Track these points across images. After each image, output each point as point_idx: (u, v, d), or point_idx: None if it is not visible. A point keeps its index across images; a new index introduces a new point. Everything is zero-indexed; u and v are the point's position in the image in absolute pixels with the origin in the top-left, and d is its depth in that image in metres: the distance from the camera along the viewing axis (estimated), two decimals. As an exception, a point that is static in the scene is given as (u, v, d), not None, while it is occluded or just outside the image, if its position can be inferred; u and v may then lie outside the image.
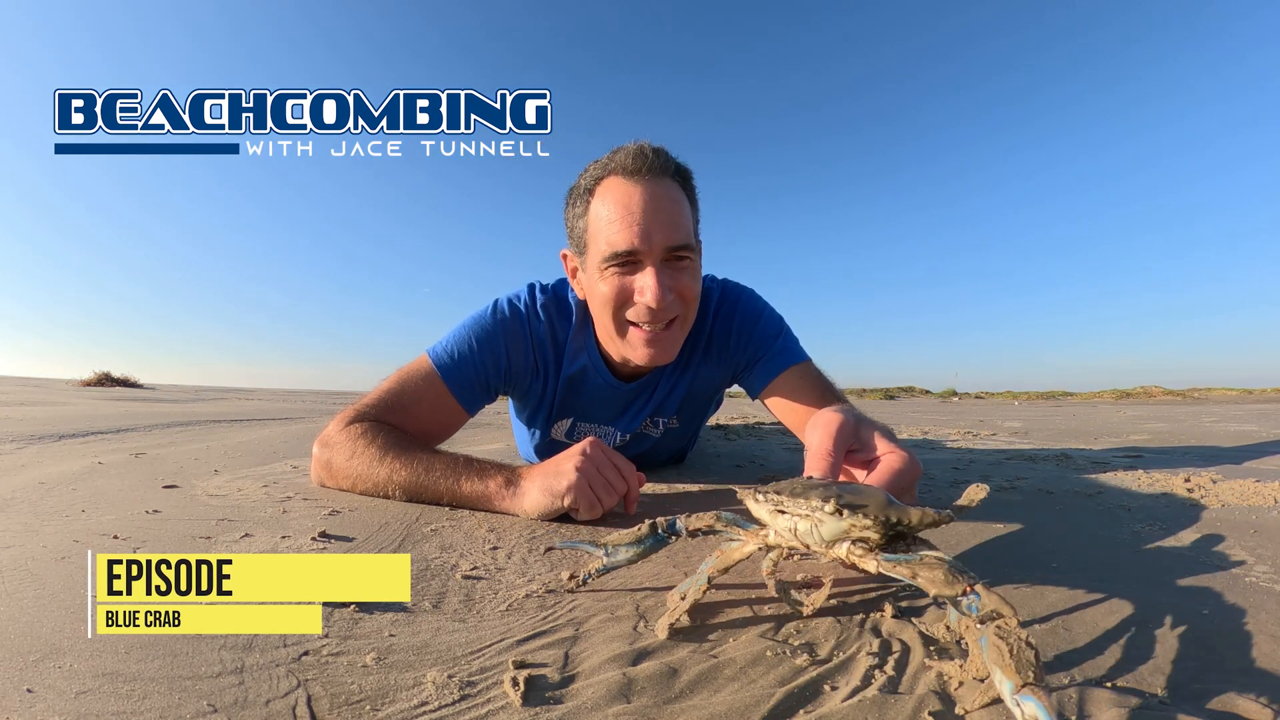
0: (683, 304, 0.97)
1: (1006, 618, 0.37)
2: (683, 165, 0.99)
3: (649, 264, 0.93)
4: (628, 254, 0.92)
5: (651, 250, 0.92)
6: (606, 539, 0.57)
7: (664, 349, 0.99)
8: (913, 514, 0.45)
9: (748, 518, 0.55)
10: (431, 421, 1.08)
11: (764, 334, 1.11)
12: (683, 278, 0.96)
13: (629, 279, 0.94)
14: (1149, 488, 1.08)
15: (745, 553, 0.53)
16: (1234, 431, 2.37)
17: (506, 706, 0.37)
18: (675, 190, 0.96)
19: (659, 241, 0.92)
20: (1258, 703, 0.37)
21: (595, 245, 0.96)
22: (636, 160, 0.93)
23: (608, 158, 0.97)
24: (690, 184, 1.00)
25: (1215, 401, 6.46)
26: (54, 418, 2.62)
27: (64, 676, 0.39)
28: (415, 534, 0.76)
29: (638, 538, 0.56)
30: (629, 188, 0.93)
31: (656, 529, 0.56)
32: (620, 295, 0.95)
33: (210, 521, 0.80)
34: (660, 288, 0.92)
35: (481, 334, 1.08)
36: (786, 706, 0.36)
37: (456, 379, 1.07)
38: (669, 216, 0.93)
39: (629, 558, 0.57)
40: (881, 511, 0.45)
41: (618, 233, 0.92)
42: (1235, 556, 0.66)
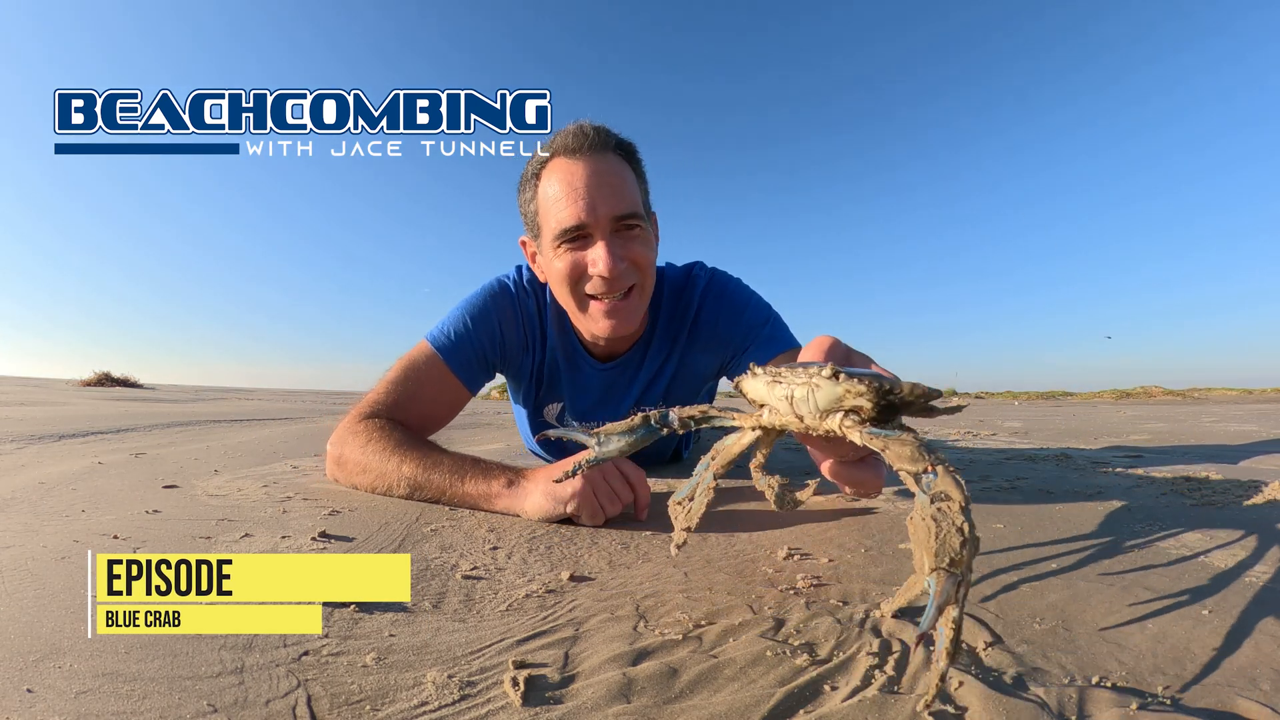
0: (637, 271, 1.00)
1: (952, 501, 0.36)
2: (625, 140, 1.02)
3: (599, 236, 0.97)
4: (576, 228, 0.96)
5: (599, 222, 0.96)
6: (599, 429, 0.57)
7: (624, 318, 1.02)
8: (904, 385, 0.46)
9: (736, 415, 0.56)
10: (438, 403, 1.11)
11: (751, 321, 1.12)
12: (634, 246, 0.99)
13: (581, 253, 0.98)
14: (1149, 488, 1.08)
15: (744, 443, 0.53)
16: (1234, 431, 2.37)
17: (506, 706, 0.37)
18: (618, 163, 0.99)
19: (605, 213, 0.96)
20: (1258, 703, 0.37)
21: (546, 225, 0.99)
22: (576, 139, 0.97)
23: (550, 140, 1.01)
24: (635, 157, 1.04)
25: (1215, 401, 6.46)
26: (54, 418, 2.62)
27: (64, 676, 0.39)
28: (415, 534, 0.76)
29: (630, 427, 0.56)
30: (572, 165, 0.97)
31: (649, 420, 0.56)
32: (575, 270, 0.99)
33: (210, 521, 0.80)
34: (611, 257, 0.95)
35: (476, 312, 1.13)
36: (786, 706, 0.36)
37: (456, 357, 1.10)
38: (613, 188, 0.96)
39: (620, 448, 0.56)
40: (875, 379, 0.45)
41: (564, 209, 0.96)
42: (1235, 556, 0.66)
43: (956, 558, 0.33)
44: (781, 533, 0.78)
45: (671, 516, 0.51)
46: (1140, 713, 0.35)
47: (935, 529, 0.34)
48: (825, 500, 0.98)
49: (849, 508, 0.92)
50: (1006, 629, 0.47)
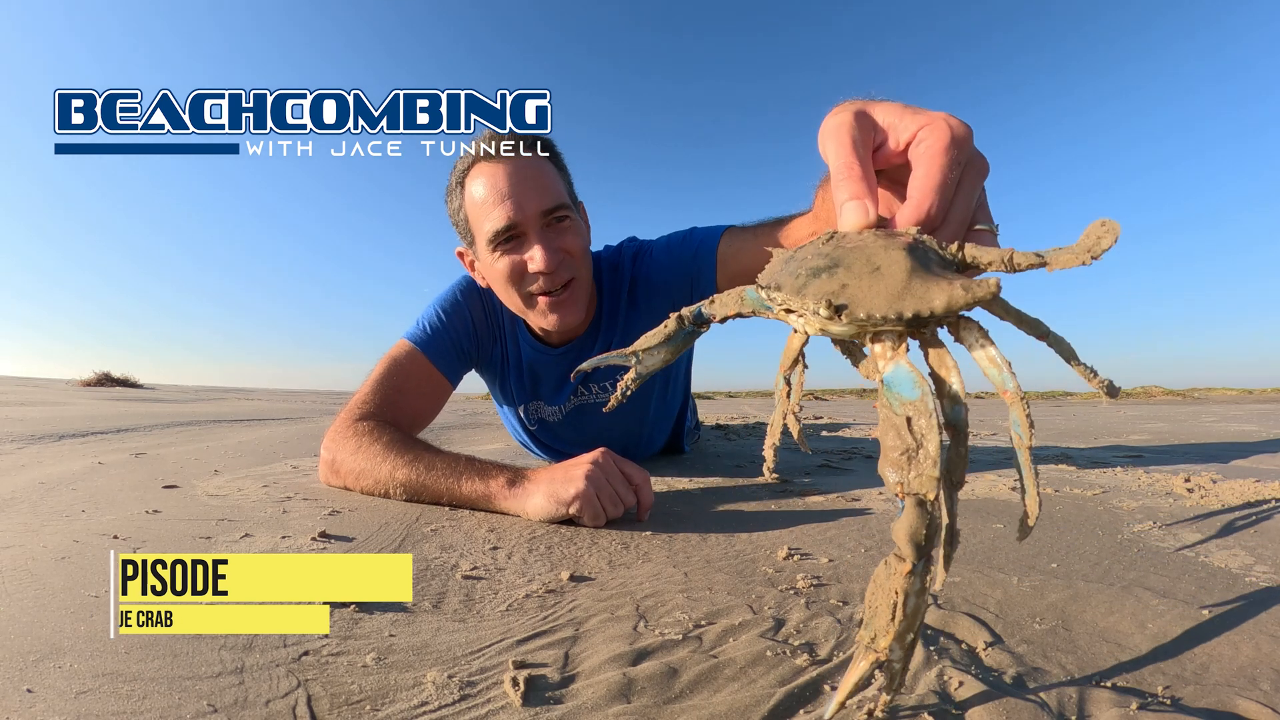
0: (573, 262, 1.03)
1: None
2: (542, 137, 1.05)
3: (531, 233, 1.00)
4: (508, 228, 0.98)
5: (529, 219, 0.98)
6: (634, 347, 0.49)
7: (568, 310, 1.05)
8: (935, 298, 0.34)
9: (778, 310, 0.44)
10: (423, 397, 1.14)
11: (684, 250, 1.12)
12: (566, 237, 1.02)
13: (518, 255, 1.00)
14: (1149, 488, 1.08)
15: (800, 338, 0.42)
16: (1234, 431, 2.37)
17: (506, 706, 0.37)
18: (538, 160, 1.02)
19: (533, 209, 0.98)
20: (1257, 703, 0.37)
21: (479, 231, 1.02)
22: (493, 145, 1.01)
23: (469, 148, 1.04)
24: (554, 151, 1.07)
25: (1215, 401, 6.46)
26: (54, 418, 2.62)
27: (64, 676, 0.39)
28: (415, 534, 0.76)
29: (666, 335, 0.48)
30: (493, 169, 0.99)
31: (684, 321, 0.47)
32: (514, 270, 1.01)
33: (210, 521, 0.80)
34: (547, 251, 0.98)
35: (447, 305, 1.17)
36: (786, 706, 0.36)
37: (435, 350, 1.14)
38: (536, 184, 0.99)
39: (663, 359, 0.49)
40: (891, 306, 0.34)
41: (494, 212, 0.98)
42: (1235, 556, 0.66)
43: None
44: (781, 533, 0.78)
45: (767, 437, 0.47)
46: (1140, 713, 0.35)
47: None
48: (825, 500, 0.98)
49: (849, 508, 0.92)
50: (1006, 629, 0.47)
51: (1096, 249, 0.35)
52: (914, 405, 0.32)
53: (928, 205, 0.39)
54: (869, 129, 0.43)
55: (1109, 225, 0.36)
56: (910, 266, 0.35)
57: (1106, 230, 0.35)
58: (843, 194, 0.41)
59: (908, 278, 0.35)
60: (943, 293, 0.34)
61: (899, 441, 0.32)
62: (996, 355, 0.34)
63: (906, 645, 0.31)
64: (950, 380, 0.34)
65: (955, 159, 0.40)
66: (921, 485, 0.30)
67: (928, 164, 0.40)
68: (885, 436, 0.32)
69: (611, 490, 0.81)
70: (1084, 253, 0.35)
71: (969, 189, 0.41)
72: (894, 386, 0.33)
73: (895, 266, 0.35)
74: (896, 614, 0.30)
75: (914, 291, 0.34)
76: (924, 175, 0.40)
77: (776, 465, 0.99)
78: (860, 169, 0.41)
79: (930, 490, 0.30)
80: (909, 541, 0.30)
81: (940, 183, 0.39)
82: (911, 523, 0.30)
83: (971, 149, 0.42)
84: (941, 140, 0.40)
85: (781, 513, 0.90)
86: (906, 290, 0.34)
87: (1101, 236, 0.35)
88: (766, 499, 1.00)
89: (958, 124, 0.41)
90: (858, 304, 0.35)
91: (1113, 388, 0.35)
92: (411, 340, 1.15)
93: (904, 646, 0.31)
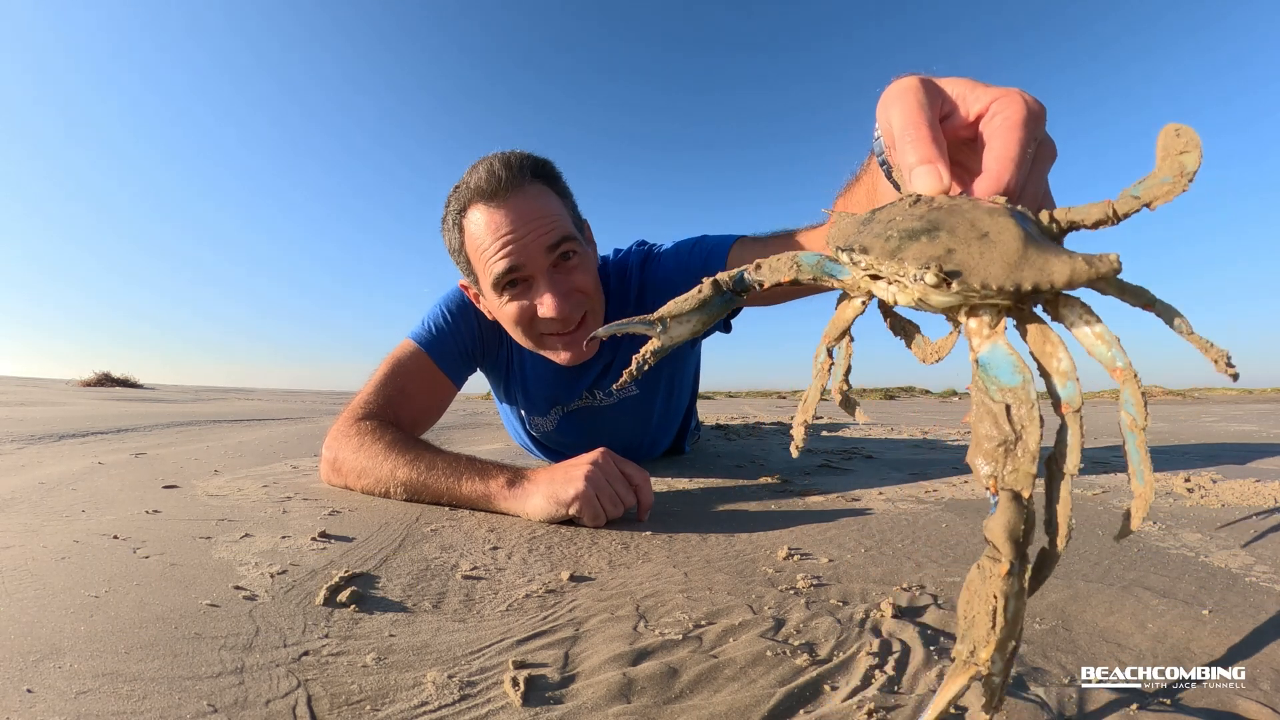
0: (585, 300, 1.00)
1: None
2: (539, 161, 0.99)
3: (539, 277, 0.95)
4: (512, 271, 0.94)
5: (534, 260, 0.94)
6: (660, 313, 0.43)
7: (583, 348, 1.02)
8: (1055, 270, 0.30)
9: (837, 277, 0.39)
10: (426, 398, 1.13)
11: (693, 257, 1.11)
12: (575, 275, 0.98)
13: (526, 300, 0.97)
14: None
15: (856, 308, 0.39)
16: (1234, 431, 2.37)
17: (506, 706, 0.37)
18: (538, 192, 0.97)
19: (537, 247, 0.94)
20: (1257, 703, 0.37)
21: (482, 273, 0.98)
22: (490, 183, 0.94)
23: (463, 184, 0.98)
24: (553, 176, 1.01)
25: (1215, 401, 6.46)
26: (54, 418, 2.62)
27: (64, 676, 0.39)
28: (415, 534, 0.76)
29: (700, 301, 0.42)
30: (492, 212, 0.94)
31: (720, 287, 0.42)
32: (523, 315, 0.98)
33: (210, 521, 0.80)
34: (558, 298, 0.94)
35: (453, 306, 1.15)
36: (786, 706, 0.36)
37: (439, 351, 1.12)
38: (538, 221, 0.94)
39: (691, 329, 0.43)
40: (1009, 276, 0.30)
41: (496, 258, 0.94)
42: (1235, 556, 0.66)
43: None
44: (781, 533, 0.78)
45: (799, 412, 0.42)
46: (1140, 713, 0.35)
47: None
48: (825, 500, 0.98)
49: (849, 507, 0.92)
50: (1006, 629, 0.47)
51: (1187, 170, 0.31)
52: (1014, 392, 0.30)
53: (1007, 177, 0.37)
54: (937, 96, 0.41)
55: (1185, 134, 0.32)
56: (1023, 235, 0.32)
57: (1186, 142, 0.32)
58: (911, 157, 0.38)
59: (1023, 246, 0.31)
60: (1065, 265, 0.30)
61: (995, 431, 0.29)
62: (1104, 332, 0.31)
63: (1008, 655, 0.28)
64: (1059, 356, 0.31)
65: (1032, 134, 0.38)
66: (1018, 481, 0.29)
67: (1004, 136, 0.38)
68: (980, 424, 0.30)
69: (611, 490, 0.81)
70: (1179, 180, 0.31)
71: (1041, 170, 0.40)
72: (991, 369, 0.31)
73: (1006, 234, 0.32)
74: (997, 620, 0.27)
75: (1032, 261, 0.30)
76: (1001, 146, 0.38)
77: (776, 465, 0.99)
78: (930, 131, 0.38)
79: (1027, 487, 0.28)
80: (1007, 539, 0.27)
81: (1019, 156, 0.37)
82: (1009, 519, 0.28)
83: (1044, 130, 0.39)
84: (1019, 113, 0.38)
85: (781, 513, 0.90)
86: (1024, 260, 0.31)
87: (1185, 154, 0.31)
88: (766, 499, 1.00)
89: (1033, 100, 0.39)
90: (971, 272, 0.31)
91: (1231, 363, 0.30)
92: (416, 340, 1.13)
93: (1005, 657, 0.28)
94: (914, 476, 1.21)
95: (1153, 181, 0.32)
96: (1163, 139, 0.32)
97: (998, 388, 0.30)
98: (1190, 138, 0.32)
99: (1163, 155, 0.32)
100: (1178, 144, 0.32)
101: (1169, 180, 0.31)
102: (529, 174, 0.97)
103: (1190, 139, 0.32)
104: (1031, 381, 0.30)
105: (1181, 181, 0.31)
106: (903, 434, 2.36)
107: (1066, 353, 0.31)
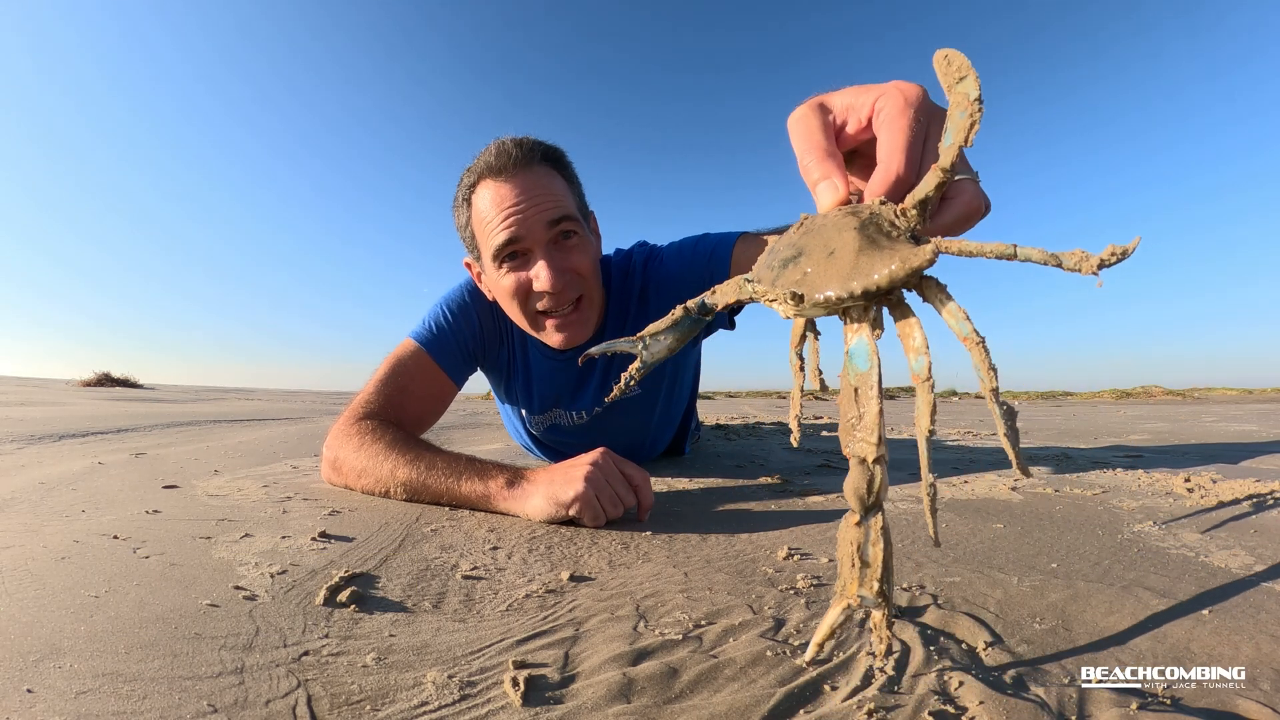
0: (581, 280, 1.01)
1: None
2: (550, 147, 1.02)
3: (537, 250, 0.97)
4: (511, 242, 0.96)
5: (534, 234, 0.96)
6: (642, 334, 0.51)
7: (576, 329, 1.03)
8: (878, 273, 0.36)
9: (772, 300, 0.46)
10: (427, 398, 1.13)
11: (697, 254, 1.11)
12: (573, 255, 1.00)
13: (524, 271, 0.99)
14: (1149, 488, 1.08)
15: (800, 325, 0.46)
16: (1234, 431, 2.37)
17: (506, 706, 0.37)
18: (546, 173, 0.99)
19: (538, 223, 0.96)
20: (1258, 703, 0.37)
21: (484, 246, 1.00)
22: (500, 158, 0.97)
23: (476, 162, 1.01)
24: (563, 162, 1.04)
25: (1215, 401, 6.45)
26: (54, 418, 2.62)
27: (64, 676, 0.39)
28: (415, 534, 0.76)
29: (672, 322, 0.50)
30: (499, 186, 0.97)
31: (689, 311, 0.50)
32: (520, 289, 0.99)
33: (210, 522, 0.80)
34: (552, 271, 0.96)
35: (454, 305, 1.16)
36: (786, 706, 0.36)
37: (440, 350, 1.13)
38: (543, 198, 0.97)
39: (668, 345, 0.51)
40: (843, 286, 0.37)
41: (498, 229, 0.96)
42: (1235, 556, 0.66)
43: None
44: (781, 533, 0.78)
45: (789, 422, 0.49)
46: (1140, 713, 0.35)
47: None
48: (825, 500, 0.98)
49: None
50: (1006, 629, 0.47)
51: (971, 96, 0.35)
52: (863, 377, 0.36)
53: (896, 165, 0.41)
54: (827, 115, 0.46)
55: (954, 59, 0.35)
56: (859, 245, 0.37)
57: (958, 69, 0.35)
58: (813, 175, 0.44)
59: (855, 257, 0.37)
60: (885, 265, 0.36)
61: (850, 409, 0.36)
62: (955, 308, 0.36)
63: (875, 591, 0.35)
64: (914, 335, 0.36)
65: (915, 118, 0.41)
66: (861, 449, 0.35)
67: (889, 128, 0.42)
68: (842, 403, 0.36)
69: (611, 491, 0.81)
70: (971, 108, 0.35)
71: (937, 143, 0.42)
72: (854, 358, 0.37)
73: (846, 248, 0.38)
74: (854, 561, 0.35)
75: (860, 269, 0.37)
76: (888, 139, 0.42)
77: (776, 465, 0.99)
78: (824, 149, 0.44)
79: (869, 453, 0.35)
80: (853, 495, 0.35)
81: (906, 142, 0.41)
82: (854, 480, 0.35)
83: (931, 106, 0.43)
84: (897, 104, 0.42)
85: (781, 513, 0.90)
86: (854, 269, 0.37)
87: (963, 79, 0.35)
88: (766, 499, 1.00)
89: (909, 86, 0.43)
90: (813, 288, 0.38)
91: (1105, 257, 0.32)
92: (417, 340, 1.14)
93: (872, 592, 0.35)
94: (914, 477, 1.21)
95: (953, 122, 0.36)
96: (940, 71, 0.36)
97: (854, 374, 0.36)
98: (960, 62, 0.35)
99: (947, 89, 0.36)
100: (953, 72, 0.35)
101: (964, 114, 0.35)
102: (539, 156, 1.00)
103: (960, 64, 0.35)
104: (878, 368, 0.36)
105: (973, 109, 0.35)
106: (903, 433, 2.36)
107: (920, 332, 0.36)
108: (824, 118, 0.45)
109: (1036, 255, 0.34)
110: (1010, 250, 0.35)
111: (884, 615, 0.36)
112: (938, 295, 0.37)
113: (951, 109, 0.36)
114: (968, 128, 0.35)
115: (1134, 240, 0.31)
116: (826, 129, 0.45)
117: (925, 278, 0.37)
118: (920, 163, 0.42)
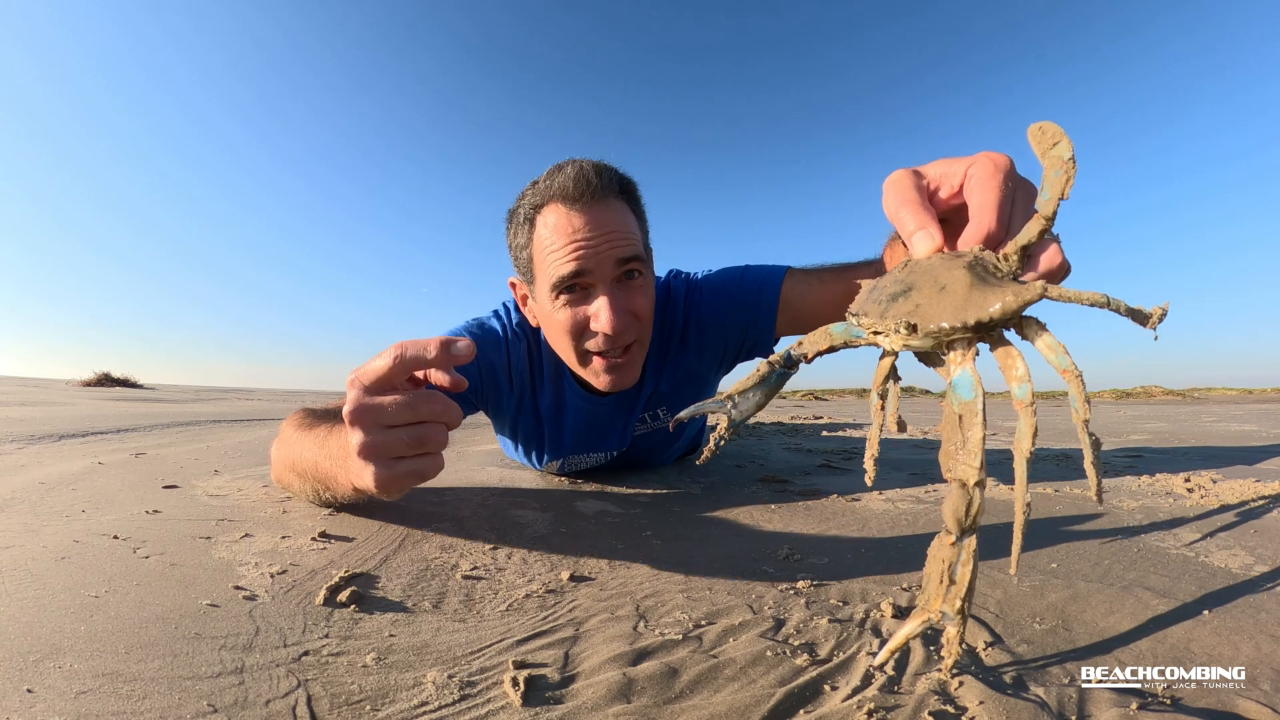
0: (639, 325, 0.96)
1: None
2: (625, 179, 0.97)
3: (600, 288, 0.91)
4: (576, 275, 0.90)
5: (601, 270, 0.90)
6: (729, 391, 0.52)
7: (625, 374, 0.97)
8: (991, 305, 0.38)
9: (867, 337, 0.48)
10: None
11: (742, 290, 1.08)
12: (635, 297, 0.94)
13: (583, 307, 0.92)
14: (1149, 488, 1.08)
15: (887, 360, 0.48)
16: (1234, 431, 2.37)
17: (506, 706, 0.37)
18: (620, 207, 0.94)
19: (608, 258, 0.90)
20: (1257, 703, 0.37)
21: (543, 273, 0.93)
22: (578, 186, 0.90)
23: (546, 181, 0.94)
24: (635, 196, 0.98)
25: (1215, 401, 6.46)
26: (54, 418, 2.62)
27: (64, 676, 0.39)
28: (415, 534, 0.76)
29: (761, 378, 0.51)
30: (571, 214, 0.90)
31: (773, 366, 0.51)
32: (576, 325, 0.93)
33: (210, 521, 0.80)
34: (615, 312, 0.90)
35: (488, 340, 1.08)
36: (786, 706, 0.36)
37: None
38: (615, 234, 0.91)
39: (756, 402, 0.51)
40: (957, 317, 0.39)
41: (564, 260, 0.90)
42: (1235, 556, 0.66)
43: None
44: (781, 533, 0.78)
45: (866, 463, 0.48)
46: (1140, 713, 0.35)
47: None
48: (825, 500, 0.98)
49: (849, 507, 0.92)
50: (1006, 629, 0.47)
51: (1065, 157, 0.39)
52: (968, 405, 0.38)
53: (989, 221, 0.44)
54: (920, 179, 0.50)
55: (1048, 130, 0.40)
56: (970, 281, 0.40)
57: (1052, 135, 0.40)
58: (910, 225, 0.47)
59: (968, 290, 0.40)
60: (998, 299, 0.39)
61: (953, 434, 0.38)
62: (1052, 340, 0.39)
63: (956, 611, 0.36)
64: (1016, 367, 0.39)
65: (1005, 182, 0.46)
66: (963, 472, 0.37)
67: (981, 189, 0.46)
68: (945, 429, 0.39)
69: (399, 441, 0.58)
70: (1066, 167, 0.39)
71: (1024, 207, 0.47)
72: (957, 388, 0.39)
73: (958, 283, 0.40)
74: (944, 579, 0.37)
75: (974, 301, 0.39)
76: (980, 199, 0.46)
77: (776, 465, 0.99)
78: (920, 203, 0.48)
79: (970, 477, 0.36)
80: (951, 517, 0.36)
81: (998, 200, 0.45)
82: (954, 502, 0.36)
83: (1018, 175, 0.48)
84: (987, 169, 0.46)
85: (781, 513, 0.90)
86: (968, 302, 0.39)
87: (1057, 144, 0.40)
88: (766, 499, 1.00)
89: (999, 155, 0.48)
90: (928, 319, 0.40)
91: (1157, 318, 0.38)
92: None
93: (954, 611, 0.37)
94: (914, 476, 1.21)
95: (1049, 180, 0.40)
96: (1034, 140, 0.41)
97: (959, 402, 0.39)
98: (1053, 131, 0.40)
99: (1041, 154, 0.41)
100: (1047, 140, 0.40)
101: (1059, 173, 0.39)
102: (616, 188, 0.94)
103: (1054, 132, 0.40)
104: (982, 398, 0.38)
105: (1068, 166, 0.39)
106: (903, 433, 2.36)
107: (1023, 363, 0.39)
108: (918, 180, 0.49)
109: (1123, 309, 0.38)
110: (1104, 299, 0.38)
111: (959, 632, 0.37)
112: (1036, 330, 0.40)
113: (1046, 170, 0.40)
114: (1063, 182, 0.39)
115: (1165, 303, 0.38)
116: (921, 189, 0.49)
117: (1026, 316, 0.40)
118: (1010, 223, 0.45)
